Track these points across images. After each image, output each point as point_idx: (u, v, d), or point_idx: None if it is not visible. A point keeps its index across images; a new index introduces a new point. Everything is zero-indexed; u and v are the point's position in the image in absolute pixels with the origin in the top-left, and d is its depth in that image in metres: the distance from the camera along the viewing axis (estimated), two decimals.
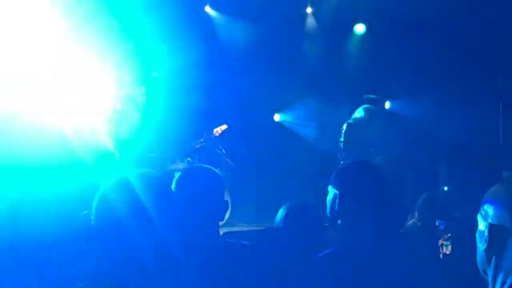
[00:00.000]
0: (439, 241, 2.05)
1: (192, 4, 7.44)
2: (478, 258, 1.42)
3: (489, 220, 1.37)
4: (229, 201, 6.19)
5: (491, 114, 6.27)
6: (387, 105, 7.66)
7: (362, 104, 6.81)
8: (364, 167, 2.10)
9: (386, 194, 2.04)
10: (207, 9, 7.77)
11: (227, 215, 6.55)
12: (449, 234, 1.95)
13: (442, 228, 2.01)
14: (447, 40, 6.87)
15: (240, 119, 7.41)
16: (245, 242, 1.91)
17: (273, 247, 1.90)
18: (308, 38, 8.08)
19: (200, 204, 2.04)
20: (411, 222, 3.01)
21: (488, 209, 1.39)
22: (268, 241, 1.89)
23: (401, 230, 2.45)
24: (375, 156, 5.89)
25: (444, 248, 1.97)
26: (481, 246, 1.40)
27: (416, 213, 3.00)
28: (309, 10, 8.00)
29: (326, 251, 1.96)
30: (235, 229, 6.56)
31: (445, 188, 2.44)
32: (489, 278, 1.38)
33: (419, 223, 2.66)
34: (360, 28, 7.86)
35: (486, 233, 1.37)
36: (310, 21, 8.04)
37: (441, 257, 1.89)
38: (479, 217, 1.43)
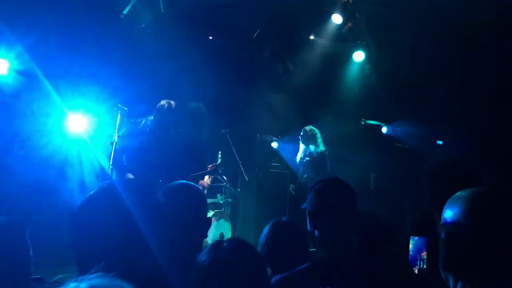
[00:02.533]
0: (419, 255, 2.06)
1: (195, 32, 7.61)
2: (441, 266, 1.44)
3: (447, 228, 1.40)
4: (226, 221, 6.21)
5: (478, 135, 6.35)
6: (384, 130, 7.71)
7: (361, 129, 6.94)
8: (335, 185, 2.16)
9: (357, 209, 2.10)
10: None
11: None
12: (425, 251, 1.97)
13: (419, 245, 2.03)
14: (445, 66, 6.97)
15: (242, 146, 7.46)
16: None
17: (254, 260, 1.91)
18: (308, 65, 8.19)
19: (181, 221, 2.07)
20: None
21: (447, 216, 1.42)
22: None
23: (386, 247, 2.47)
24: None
25: (421, 263, 1.99)
26: (442, 253, 1.42)
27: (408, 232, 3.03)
28: (312, 37, 8.13)
29: (303, 266, 2.00)
30: None
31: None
32: (450, 285, 1.40)
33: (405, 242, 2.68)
34: (359, 56, 7.94)
35: (445, 240, 1.39)
36: (312, 48, 8.14)
37: (416, 272, 1.90)
38: (440, 226, 1.46)
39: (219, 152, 6.26)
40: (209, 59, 7.43)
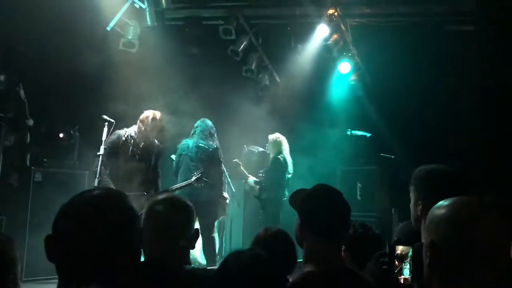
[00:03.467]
0: (405, 264, 2.06)
1: (181, 44, 7.62)
2: (424, 274, 1.45)
3: (432, 236, 1.41)
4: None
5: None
6: (369, 140, 7.77)
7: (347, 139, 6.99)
8: (325, 192, 2.16)
9: (348, 217, 2.11)
10: None
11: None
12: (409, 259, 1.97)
13: (404, 254, 2.03)
14: (432, 77, 7.06)
15: (229, 157, 7.46)
16: (210, 268, 1.94)
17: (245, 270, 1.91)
18: (295, 75, 8.25)
19: (169, 232, 2.08)
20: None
21: (431, 224, 1.43)
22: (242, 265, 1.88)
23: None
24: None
25: (407, 272, 1.99)
26: (425, 262, 1.44)
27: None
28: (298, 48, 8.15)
29: (294, 277, 2.00)
30: None
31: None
32: None
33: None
34: (345, 68, 7.99)
35: (429, 249, 1.41)
36: (299, 59, 8.16)
37: (402, 281, 1.91)
38: (424, 234, 1.47)
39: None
40: (195, 71, 7.45)
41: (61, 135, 6.70)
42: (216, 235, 7.45)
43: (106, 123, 5.00)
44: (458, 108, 6.75)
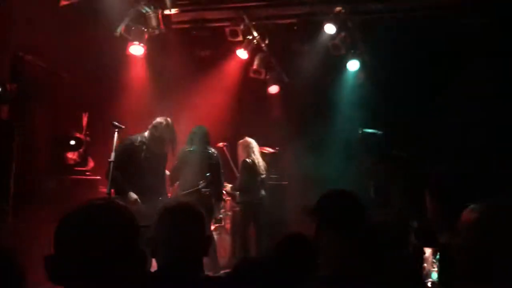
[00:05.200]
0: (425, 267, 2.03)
1: (188, 47, 7.61)
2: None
3: (466, 241, 1.39)
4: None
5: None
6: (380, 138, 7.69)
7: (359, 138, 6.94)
8: (341, 196, 2.14)
9: (364, 222, 2.07)
10: None
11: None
12: (436, 262, 1.94)
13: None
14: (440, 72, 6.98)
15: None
16: (223, 274, 1.91)
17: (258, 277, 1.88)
18: (303, 76, 8.19)
19: (180, 239, 2.04)
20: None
21: (464, 229, 1.41)
22: (255, 271, 1.86)
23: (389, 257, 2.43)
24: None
25: (433, 275, 1.96)
26: (458, 266, 1.41)
27: None
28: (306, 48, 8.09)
29: (312, 282, 1.97)
30: None
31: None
32: None
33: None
34: (353, 65, 7.92)
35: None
36: (307, 59, 8.09)
37: (429, 285, 1.87)
38: (456, 236, 1.45)
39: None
40: (204, 73, 7.46)
41: (72, 142, 6.73)
42: (228, 238, 7.45)
43: (117, 130, 4.99)
44: (473, 103, 6.64)
